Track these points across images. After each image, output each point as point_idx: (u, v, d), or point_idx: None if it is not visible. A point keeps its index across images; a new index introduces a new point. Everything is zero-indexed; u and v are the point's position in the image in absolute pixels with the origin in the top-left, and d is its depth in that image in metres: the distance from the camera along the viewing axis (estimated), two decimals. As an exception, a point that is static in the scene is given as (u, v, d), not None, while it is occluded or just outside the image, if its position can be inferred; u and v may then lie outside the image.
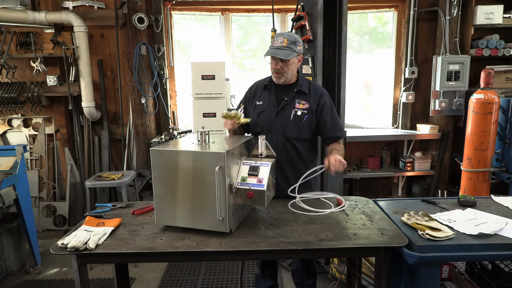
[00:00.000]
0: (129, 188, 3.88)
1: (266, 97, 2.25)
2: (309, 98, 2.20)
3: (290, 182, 2.05)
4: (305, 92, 2.20)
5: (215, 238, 1.64)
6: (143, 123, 4.21)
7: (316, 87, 2.26)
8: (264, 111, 2.22)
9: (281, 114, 2.19)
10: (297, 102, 2.19)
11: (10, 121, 4.22)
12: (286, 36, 2.10)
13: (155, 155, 1.68)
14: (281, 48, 2.06)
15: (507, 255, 1.63)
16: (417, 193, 4.51)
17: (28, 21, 3.75)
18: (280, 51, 2.06)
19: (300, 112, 2.18)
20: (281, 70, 2.12)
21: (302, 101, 2.19)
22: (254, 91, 2.33)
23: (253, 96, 2.32)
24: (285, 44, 2.06)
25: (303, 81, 2.24)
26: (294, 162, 2.22)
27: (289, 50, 2.06)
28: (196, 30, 4.55)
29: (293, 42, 2.08)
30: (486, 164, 3.28)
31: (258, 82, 2.36)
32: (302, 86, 2.21)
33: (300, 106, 2.18)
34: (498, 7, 3.93)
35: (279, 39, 2.09)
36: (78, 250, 1.55)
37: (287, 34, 2.12)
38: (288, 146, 2.18)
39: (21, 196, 3.05)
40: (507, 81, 4.10)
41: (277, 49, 2.07)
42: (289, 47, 2.06)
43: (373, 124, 4.66)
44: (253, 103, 2.28)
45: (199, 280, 3.08)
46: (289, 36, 2.10)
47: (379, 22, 4.64)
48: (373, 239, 1.62)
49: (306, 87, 2.22)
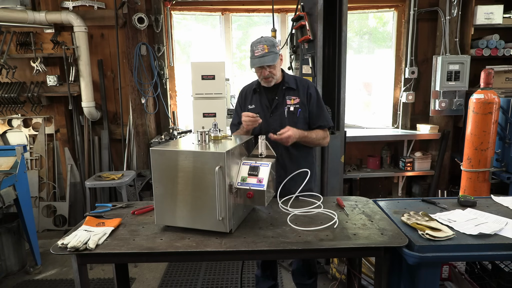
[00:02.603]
0: (129, 188, 3.88)
1: (257, 100, 2.30)
2: (298, 92, 2.26)
3: (294, 179, 2.02)
4: (293, 88, 2.26)
5: (215, 238, 1.64)
6: (143, 123, 4.21)
7: (302, 81, 2.31)
8: (258, 114, 2.23)
9: (275, 113, 2.24)
10: (288, 99, 2.24)
11: (10, 121, 4.22)
12: (263, 42, 2.13)
13: (155, 155, 1.68)
14: (265, 55, 2.10)
15: (507, 255, 1.63)
16: (417, 193, 4.51)
17: (28, 21, 3.75)
18: (265, 58, 2.10)
19: (292, 107, 2.23)
20: (270, 74, 2.17)
21: (292, 97, 2.24)
22: (245, 96, 2.38)
23: (244, 101, 2.37)
24: (267, 50, 2.10)
25: (289, 78, 2.30)
26: (296, 159, 2.24)
27: (272, 54, 2.11)
28: (196, 30, 4.55)
29: (272, 45, 2.12)
30: (486, 164, 3.28)
31: (246, 87, 2.41)
32: (290, 82, 2.26)
33: (291, 102, 2.24)
34: (498, 7, 3.93)
35: (259, 47, 2.12)
36: (78, 250, 1.55)
37: (264, 40, 2.15)
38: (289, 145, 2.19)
39: (21, 196, 3.05)
40: (507, 81, 4.10)
41: (261, 57, 2.10)
42: (271, 51, 2.11)
43: (373, 124, 4.66)
44: (245, 108, 2.33)
45: (199, 280, 3.08)
46: (266, 41, 2.13)
47: (379, 22, 4.64)
48: (373, 239, 1.62)
49: (294, 83, 2.27)
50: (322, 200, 2.05)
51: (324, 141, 2.32)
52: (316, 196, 2.08)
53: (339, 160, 3.12)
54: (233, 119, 2.45)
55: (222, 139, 1.88)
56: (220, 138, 1.88)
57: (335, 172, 3.11)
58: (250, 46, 2.17)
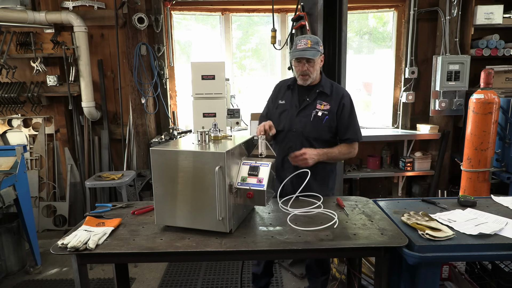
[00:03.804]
0: (129, 188, 3.88)
1: (289, 97, 2.30)
2: (330, 99, 2.23)
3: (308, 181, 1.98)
4: (327, 93, 2.23)
5: (215, 238, 1.64)
6: (143, 123, 4.21)
7: (338, 89, 2.29)
8: (286, 110, 2.26)
9: (302, 114, 2.23)
10: (319, 103, 2.22)
11: (10, 121, 4.22)
12: (308, 38, 2.16)
13: (155, 155, 1.68)
14: (306, 49, 2.11)
15: (507, 255, 1.63)
16: (417, 193, 4.51)
17: (28, 21, 3.75)
18: (306, 52, 2.11)
19: (320, 113, 2.21)
20: (307, 71, 2.16)
21: (323, 102, 2.22)
22: (278, 89, 2.40)
23: (276, 95, 2.38)
24: (309, 45, 2.11)
25: (325, 82, 2.28)
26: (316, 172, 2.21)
27: (314, 50, 2.12)
28: (196, 30, 4.55)
29: (316, 42, 2.15)
30: (486, 164, 3.28)
31: (283, 82, 2.42)
32: (325, 87, 2.24)
33: (321, 107, 2.22)
34: (498, 7, 3.93)
35: (302, 41, 2.13)
36: (78, 250, 1.55)
37: (309, 36, 2.19)
38: (307, 146, 2.19)
39: (21, 196, 3.05)
40: (507, 81, 4.10)
41: (302, 51, 2.11)
42: (313, 47, 2.12)
43: (373, 124, 4.66)
44: (276, 102, 2.34)
45: (199, 280, 3.08)
46: (311, 38, 2.16)
47: (379, 22, 4.64)
48: (373, 239, 1.62)
49: (328, 88, 2.25)
50: (322, 200, 2.05)
51: (350, 155, 2.28)
52: (316, 196, 2.08)
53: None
54: (263, 110, 2.47)
55: (222, 139, 1.88)
56: (220, 138, 1.88)
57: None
58: (294, 41, 2.19)
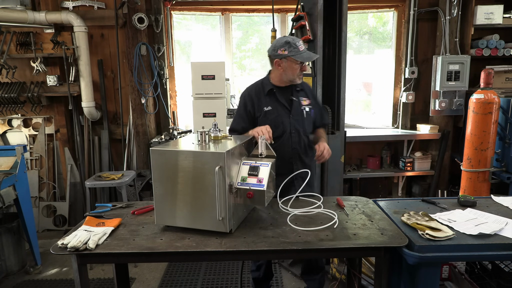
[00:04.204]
0: (129, 188, 3.88)
1: (273, 102, 2.21)
2: (305, 93, 2.28)
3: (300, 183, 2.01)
4: (302, 89, 2.29)
5: (215, 238, 1.64)
6: (143, 123, 4.21)
7: (304, 83, 2.33)
8: (277, 115, 2.19)
9: (295, 114, 2.24)
10: (301, 100, 2.25)
11: (10, 121, 4.22)
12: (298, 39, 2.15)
13: (155, 155, 1.68)
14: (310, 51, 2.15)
15: (507, 255, 1.63)
16: (417, 193, 4.51)
17: (28, 21, 3.75)
18: (313, 54, 2.14)
19: (308, 108, 2.25)
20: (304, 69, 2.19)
21: (303, 98, 2.27)
22: (254, 97, 2.23)
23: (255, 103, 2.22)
24: (306, 46, 2.17)
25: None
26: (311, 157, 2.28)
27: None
28: (196, 30, 4.55)
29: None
30: (486, 164, 3.28)
31: (251, 89, 2.27)
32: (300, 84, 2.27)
33: (304, 103, 2.25)
34: (498, 7, 3.93)
35: (300, 42, 2.12)
36: (78, 250, 1.55)
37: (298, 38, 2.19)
38: (305, 142, 2.24)
39: (21, 196, 3.04)
40: (507, 81, 4.10)
41: (308, 53, 2.13)
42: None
43: (373, 124, 4.66)
44: (261, 111, 2.20)
45: (199, 280, 3.08)
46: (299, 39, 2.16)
47: (379, 22, 4.64)
48: (373, 239, 1.62)
49: (301, 84, 2.29)
50: (322, 200, 2.04)
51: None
52: (316, 196, 2.08)
53: (339, 160, 3.12)
54: (235, 123, 2.27)
55: (222, 139, 1.88)
56: (220, 138, 1.88)
57: (335, 172, 3.11)
58: (288, 43, 2.08)
